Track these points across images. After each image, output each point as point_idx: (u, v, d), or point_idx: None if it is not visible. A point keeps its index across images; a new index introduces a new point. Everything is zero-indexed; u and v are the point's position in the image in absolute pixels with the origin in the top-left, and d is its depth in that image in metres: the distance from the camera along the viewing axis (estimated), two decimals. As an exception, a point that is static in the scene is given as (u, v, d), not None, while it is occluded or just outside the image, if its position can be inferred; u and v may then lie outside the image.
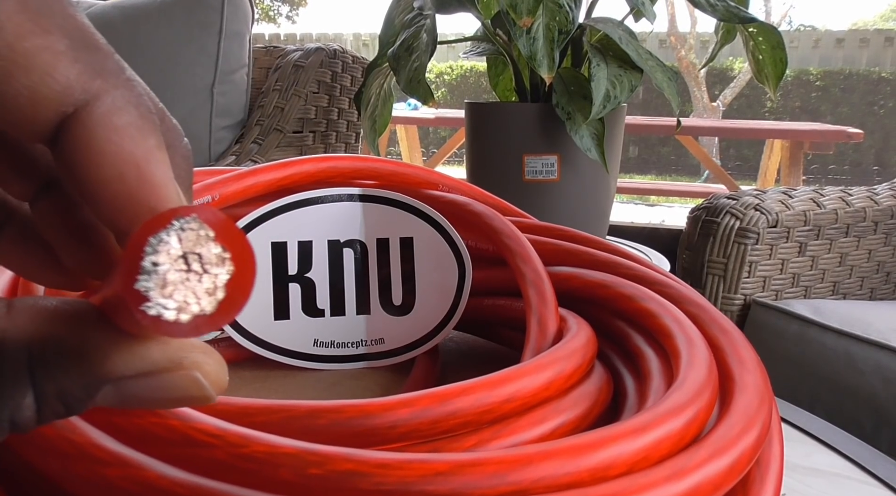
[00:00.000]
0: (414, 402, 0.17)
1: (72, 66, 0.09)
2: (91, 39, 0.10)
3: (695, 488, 0.15)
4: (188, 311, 0.09)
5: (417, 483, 0.14)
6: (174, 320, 0.09)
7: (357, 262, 0.32)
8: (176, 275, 0.08)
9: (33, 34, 0.09)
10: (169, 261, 0.08)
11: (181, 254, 0.09)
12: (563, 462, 0.15)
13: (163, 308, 0.08)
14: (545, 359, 0.20)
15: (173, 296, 0.09)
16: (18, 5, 0.09)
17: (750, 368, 0.20)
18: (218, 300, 0.09)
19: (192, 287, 0.09)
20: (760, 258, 0.73)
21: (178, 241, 0.09)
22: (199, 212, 0.09)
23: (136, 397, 0.10)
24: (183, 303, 0.09)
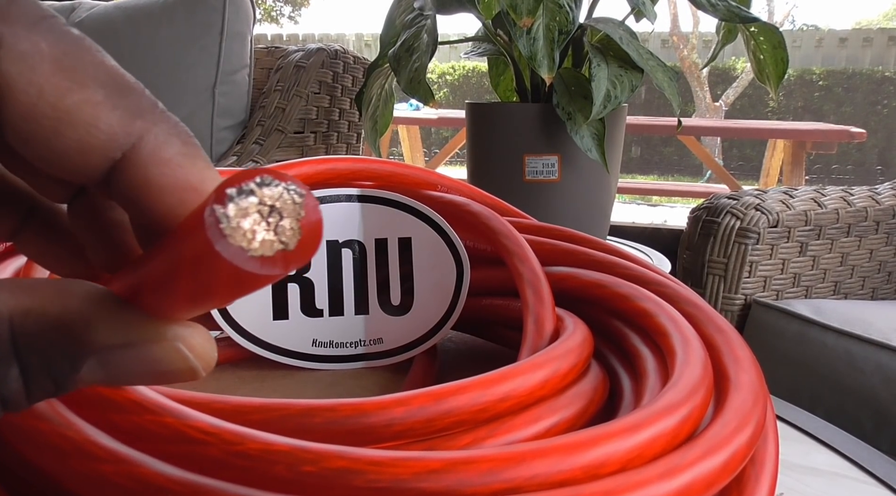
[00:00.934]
0: (409, 401, 0.18)
1: (112, 113, 0.10)
2: (123, 82, 0.10)
3: (688, 486, 0.15)
4: (269, 248, 0.09)
5: (411, 480, 0.14)
6: (256, 255, 0.09)
7: (355, 263, 0.32)
8: (255, 217, 0.09)
9: (72, 91, 0.10)
10: (251, 206, 0.09)
11: (260, 202, 0.09)
12: (557, 460, 0.15)
13: (246, 241, 0.09)
14: (541, 358, 0.20)
15: (255, 235, 0.09)
16: (54, 66, 0.10)
17: (745, 367, 0.20)
18: (297, 239, 0.09)
19: (270, 228, 0.09)
20: (761, 258, 0.73)
21: (258, 191, 0.09)
22: (273, 174, 0.10)
23: (121, 370, 0.10)
24: (263, 240, 0.09)
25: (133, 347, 0.10)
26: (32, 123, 0.10)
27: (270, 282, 0.09)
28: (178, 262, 0.09)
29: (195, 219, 0.09)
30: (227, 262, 0.09)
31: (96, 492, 0.14)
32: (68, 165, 0.10)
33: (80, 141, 0.10)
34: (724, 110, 5.64)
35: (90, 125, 0.10)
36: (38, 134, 0.10)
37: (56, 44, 0.10)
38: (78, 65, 0.10)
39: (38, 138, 0.10)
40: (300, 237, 0.09)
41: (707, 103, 5.61)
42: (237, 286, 0.09)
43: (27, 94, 0.09)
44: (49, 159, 0.10)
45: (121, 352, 0.10)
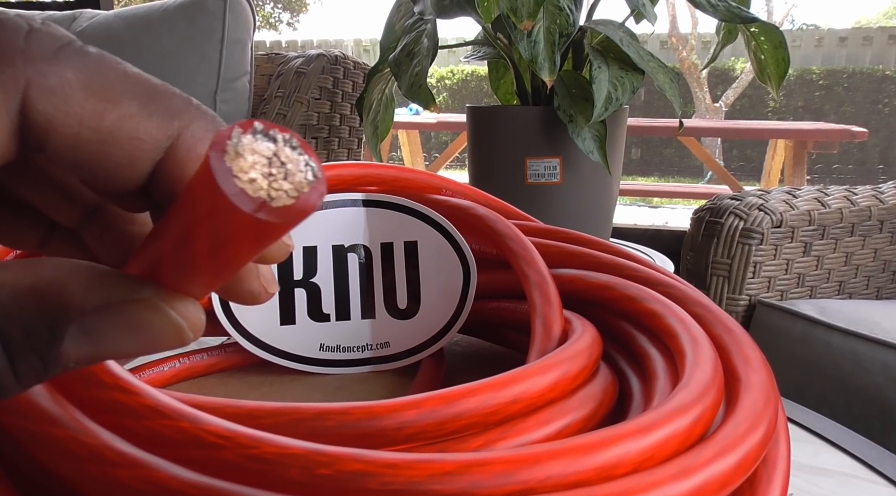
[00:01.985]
0: (421, 404, 0.18)
1: (150, 121, 0.10)
2: (152, 88, 0.11)
3: (701, 486, 0.15)
4: (256, 190, 0.09)
5: (425, 482, 0.14)
6: (241, 187, 0.09)
7: (361, 267, 0.33)
8: (262, 160, 0.09)
9: (108, 111, 0.10)
10: (266, 149, 0.09)
11: (276, 153, 0.09)
12: (570, 461, 0.15)
13: (238, 170, 0.09)
14: (550, 361, 0.20)
15: (250, 171, 0.09)
16: (85, 92, 0.10)
17: (755, 367, 0.20)
18: (283, 203, 0.09)
19: (267, 179, 0.09)
20: (765, 258, 0.73)
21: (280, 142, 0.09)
22: (304, 145, 0.10)
23: (105, 337, 0.10)
24: (276, 191, 0.09)
25: (112, 309, 0.10)
26: (80, 151, 0.10)
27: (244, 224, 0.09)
28: (187, 216, 0.09)
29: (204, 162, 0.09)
30: (211, 175, 0.09)
31: None
32: (120, 179, 0.10)
33: (127, 155, 0.10)
34: (724, 111, 5.64)
35: (133, 138, 0.10)
36: (87, 159, 0.10)
37: (80, 69, 0.10)
38: (106, 84, 0.10)
39: (89, 162, 0.10)
40: (287, 205, 0.09)
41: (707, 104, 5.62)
42: (214, 209, 0.09)
43: (68, 126, 0.10)
44: (101, 178, 0.10)
45: (101, 316, 0.10)
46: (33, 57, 0.10)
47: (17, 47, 0.10)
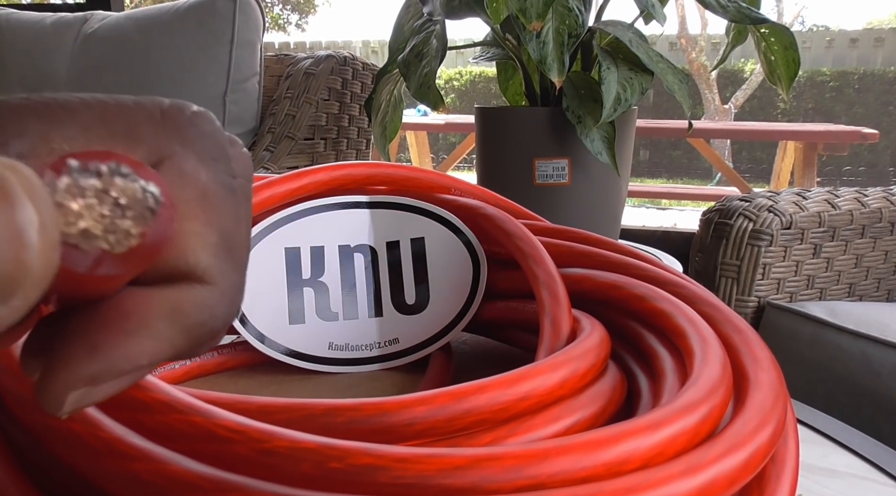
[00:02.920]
0: (430, 400, 0.18)
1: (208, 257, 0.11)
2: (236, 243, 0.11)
3: (710, 483, 0.15)
4: (87, 241, 0.08)
5: (435, 477, 0.14)
6: (69, 241, 0.08)
7: (368, 266, 0.33)
8: (91, 202, 0.08)
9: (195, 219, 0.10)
10: (89, 188, 0.08)
11: (104, 189, 0.08)
12: (580, 457, 0.15)
13: (64, 220, 0.08)
14: (559, 359, 0.20)
15: (78, 220, 0.08)
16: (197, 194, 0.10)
17: (764, 366, 0.20)
18: (128, 246, 0.08)
19: (102, 223, 0.08)
20: (774, 260, 0.72)
21: (106, 177, 0.08)
22: (136, 166, 0.08)
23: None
24: (84, 229, 0.08)
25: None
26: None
27: (83, 283, 0.08)
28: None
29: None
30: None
31: (128, 489, 0.14)
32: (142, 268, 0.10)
33: (166, 260, 0.10)
34: (733, 112, 5.61)
35: (185, 251, 0.10)
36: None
37: (213, 182, 0.10)
38: (214, 207, 0.10)
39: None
40: (133, 245, 0.08)
41: (716, 106, 5.59)
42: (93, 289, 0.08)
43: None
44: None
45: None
46: (190, 145, 0.11)
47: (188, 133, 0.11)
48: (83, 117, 0.09)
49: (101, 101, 0.10)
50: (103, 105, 0.10)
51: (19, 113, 0.09)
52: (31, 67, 1.15)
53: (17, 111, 0.09)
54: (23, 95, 0.10)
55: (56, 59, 1.13)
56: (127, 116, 0.10)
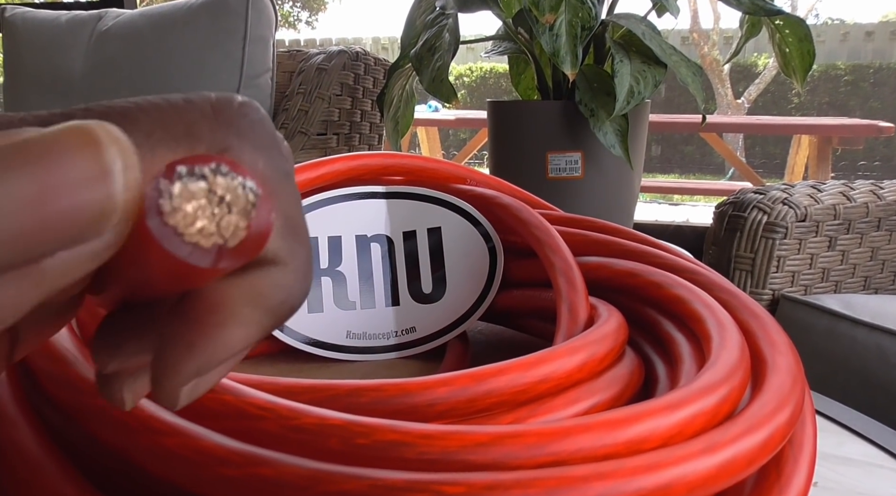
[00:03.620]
0: (452, 382, 0.18)
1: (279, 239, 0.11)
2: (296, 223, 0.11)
3: (729, 462, 0.16)
4: (206, 238, 0.09)
5: (459, 453, 0.14)
6: (189, 240, 0.08)
7: (385, 256, 0.33)
8: (202, 203, 0.09)
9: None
10: (199, 191, 0.09)
11: (210, 190, 0.09)
12: (600, 435, 0.15)
13: (183, 223, 0.08)
14: (578, 343, 0.21)
15: (195, 221, 0.08)
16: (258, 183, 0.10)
17: (782, 351, 0.21)
18: (239, 239, 0.09)
19: (214, 219, 0.09)
20: (789, 253, 0.72)
21: (211, 178, 0.09)
22: (232, 165, 0.09)
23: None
24: (205, 230, 0.09)
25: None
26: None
27: (203, 277, 0.09)
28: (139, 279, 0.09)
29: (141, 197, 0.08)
30: (156, 242, 0.08)
31: (161, 464, 0.14)
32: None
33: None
34: (746, 107, 5.57)
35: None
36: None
37: (269, 169, 0.11)
38: (275, 194, 0.11)
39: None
40: (243, 237, 0.09)
41: (729, 100, 5.55)
42: (169, 273, 0.09)
43: None
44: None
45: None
46: (244, 136, 0.11)
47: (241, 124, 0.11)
48: (144, 124, 0.10)
49: (155, 104, 0.10)
50: (158, 108, 0.10)
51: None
52: (47, 65, 1.16)
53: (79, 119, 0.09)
54: (81, 105, 0.10)
55: (71, 57, 1.14)
56: (182, 117, 0.10)
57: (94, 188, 0.08)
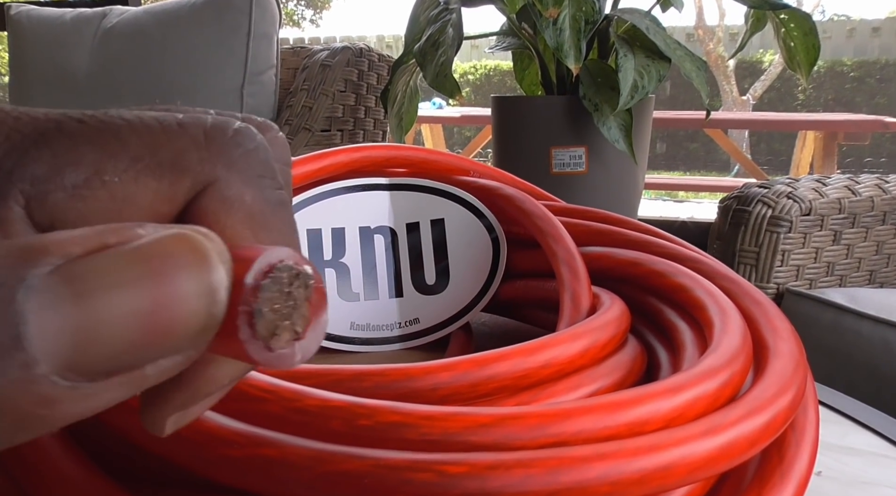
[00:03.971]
0: (454, 366, 0.18)
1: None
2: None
3: (730, 444, 0.16)
4: (286, 336, 0.09)
5: (461, 434, 0.14)
6: (280, 346, 0.09)
7: (388, 247, 0.33)
8: (278, 308, 0.09)
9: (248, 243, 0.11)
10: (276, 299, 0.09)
11: (279, 290, 0.09)
12: (601, 417, 0.15)
13: (275, 334, 0.09)
14: (580, 329, 0.21)
15: (277, 328, 0.09)
16: (245, 218, 0.10)
17: (784, 337, 0.21)
18: (306, 322, 0.09)
19: (287, 316, 0.09)
20: (793, 247, 0.72)
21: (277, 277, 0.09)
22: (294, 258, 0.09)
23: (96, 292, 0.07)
24: (283, 332, 0.09)
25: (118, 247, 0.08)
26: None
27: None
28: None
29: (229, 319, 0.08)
30: (244, 349, 0.08)
31: (166, 446, 0.14)
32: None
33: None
34: (751, 104, 5.54)
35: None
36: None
37: (258, 201, 0.10)
38: (263, 225, 0.10)
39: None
40: (308, 322, 0.09)
41: (734, 97, 5.53)
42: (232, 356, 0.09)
43: (209, 226, 0.10)
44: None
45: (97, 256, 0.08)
46: (234, 167, 0.11)
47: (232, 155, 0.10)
48: (133, 148, 0.10)
49: (147, 126, 0.10)
50: (151, 131, 0.10)
51: (74, 140, 0.09)
52: (52, 63, 1.17)
53: (71, 137, 0.09)
54: (76, 116, 0.10)
55: (76, 55, 1.15)
56: (172, 144, 0.10)
57: (201, 304, 0.08)
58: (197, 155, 0.10)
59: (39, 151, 0.09)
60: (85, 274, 0.07)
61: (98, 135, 0.09)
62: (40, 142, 0.09)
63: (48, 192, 0.09)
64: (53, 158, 0.09)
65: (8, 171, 0.09)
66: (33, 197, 0.09)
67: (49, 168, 0.09)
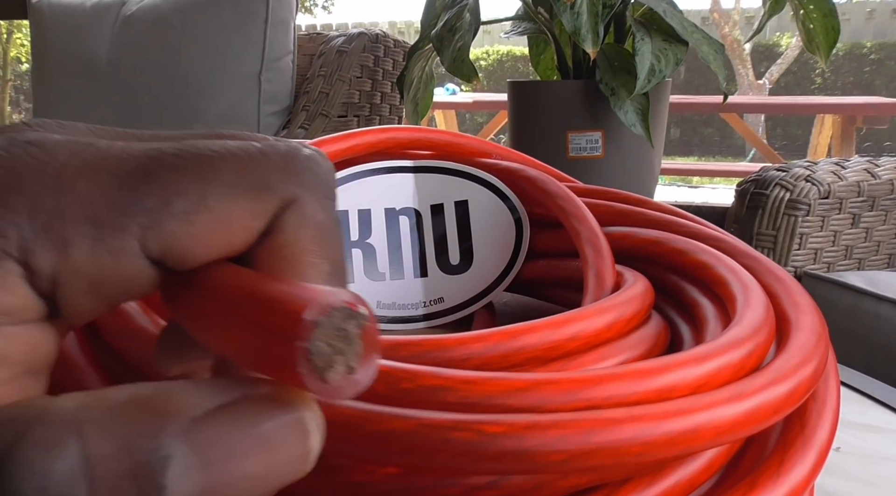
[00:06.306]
0: (486, 338, 0.19)
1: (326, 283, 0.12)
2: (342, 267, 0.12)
3: (755, 410, 0.16)
4: (341, 370, 0.09)
5: (498, 397, 0.15)
6: (335, 378, 0.09)
7: (413, 228, 0.34)
8: (333, 345, 0.09)
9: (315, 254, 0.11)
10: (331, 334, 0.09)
11: (336, 328, 0.09)
12: (630, 383, 0.16)
13: (330, 368, 0.09)
14: (607, 304, 0.21)
15: (332, 362, 0.09)
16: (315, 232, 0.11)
17: (806, 311, 0.21)
18: (360, 358, 0.10)
19: (341, 351, 0.10)
20: (811, 230, 0.72)
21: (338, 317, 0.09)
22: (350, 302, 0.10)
23: (218, 454, 0.09)
24: (338, 365, 0.09)
25: (228, 410, 0.09)
26: (276, 260, 0.11)
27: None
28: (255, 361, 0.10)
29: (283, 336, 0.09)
30: (303, 383, 0.09)
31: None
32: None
33: (267, 276, 0.11)
34: (767, 88, 5.47)
35: (306, 281, 0.11)
36: (270, 266, 0.11)
37: (325, 219, 0.11)
38: (327, 238, 0.11)
39: (270, 269, 0.11)
40: (362, 358, 0.10)
41: (750, 81, 5.46)
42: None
43: (288, 240, 0.11)
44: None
45: (214, 421, 0.09)
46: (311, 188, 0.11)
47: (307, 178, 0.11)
48: (226, 174, 0.11)
49: (234, 154, 0.11)
50: (238, 158, 0.11)
51: (176, 173, 0.10)
52: (73, 51, 1.18)
53: (173, 171, 0.10)
54: (170, 150, 0.10)
55: (97, 43, 1.16)
56: (259, 168, 0.11)
57: (300, 465, 0.10)
58: (280, 176, 0.11)
59: (147, 186, 0.10)
60: (211, 444, 0.09)
61: (195, 166, 0.10)
62: (146, 178, 0.10)
63: (161, 220, 0.10)
64: (161, 191, 0.10)
65: (123, 207, 0.10)
66: (148, 227, 0.10)
67: (159, 200, 0.10)
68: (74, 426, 0.08)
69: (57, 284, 0.09)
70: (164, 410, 0.09)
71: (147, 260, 0.10)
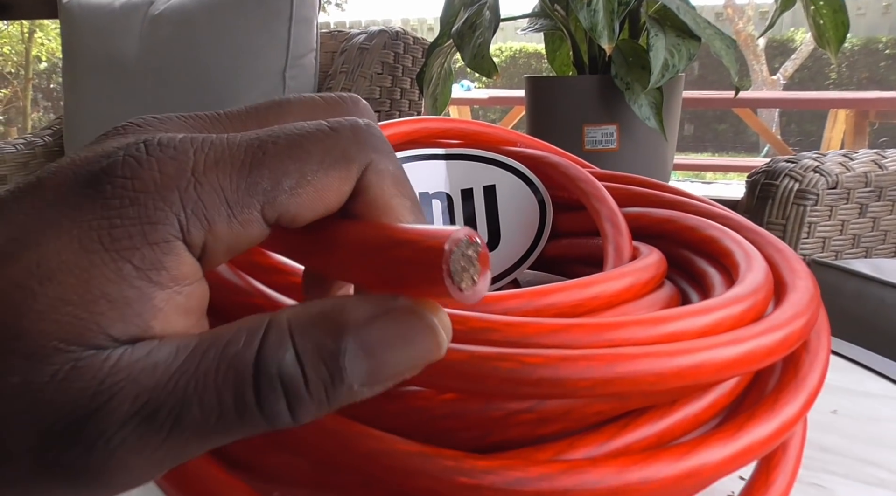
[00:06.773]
0: (521, 296, 0.22)
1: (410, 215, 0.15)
2: (417, 200, 0.15)
3: (751, 352, 0.19)
4: (469, 283, 0.13)
5: (536, 337, 0.18)
6: (467, 288, 0.13)
7: (445, 211, 0.37)
8: (462, 265, 0.13)
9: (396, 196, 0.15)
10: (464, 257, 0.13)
11: (463, 254, 0.13)
12: (646, 328, 0.19)
13: (462, 281, 0.13)
14: (625, 270, 0.24)
15: (463, 277, 0.13)
16: (392, 180, 0.15)
17: (801, 275, 0.24)
18: (479, 273, 0.13)
19: (467, 269, 0.13)
20: (820, 219, 0.74)
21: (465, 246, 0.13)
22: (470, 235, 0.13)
23: (378, 350, 0.12)
24: (467, 279, 0.13)
25: (383, 318, 0.12)
26: (373, 209, 0.14)
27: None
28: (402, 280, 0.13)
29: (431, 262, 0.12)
30: (446, 291, 0.12)
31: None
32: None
33: (387, 225, 0.14)
34: (781, 84, 5.45)
35: (398, 218, 0.15)
36: (369, 214, 0.14)
37: (395, 169, 0.15)
38: (401, 182, 0.15)
39: (370, 216, 0.14)
40: (480, 272, 0.13)
41: (764, 77, 5.43)
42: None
43: (376, 192, 0.14)
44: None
45: (374, 326, 0.12)
46: (380, 150, 0.14)
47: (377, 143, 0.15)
48: (316, 153, 0.14)
49: (313, 134, 0.14)
50: (318, 138, 0.14)
51: (279, 158, 0.13)
52: (103, 49, 1.22)
53: (276, 157, 0.13)
54: (269, 139, 0.14)
55: (125, 42, 1.20)
56: (337, 143, 0.14)
57: (435, 353, 0.13)
58: (356, 147, 0.14)
59: (261, 171, 0.13)
60: (373, 341, 0.12)
61: (291, 150, 0.14)
62: (258, 164, 0.13)
63: (275, 196, 0.13)
64: (272, 174, 0.13)
65: (246, 189, 0.13)
66: (266, 203, 0.13)
67: (271, 181, 0.13)
68: (289, 331, 0.12)
69: (205, 250, 0.13)
70: (341, 318, 0.12)
71: (266, 225, 0.13)
